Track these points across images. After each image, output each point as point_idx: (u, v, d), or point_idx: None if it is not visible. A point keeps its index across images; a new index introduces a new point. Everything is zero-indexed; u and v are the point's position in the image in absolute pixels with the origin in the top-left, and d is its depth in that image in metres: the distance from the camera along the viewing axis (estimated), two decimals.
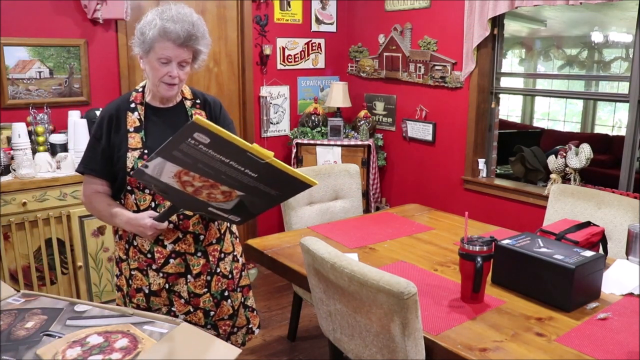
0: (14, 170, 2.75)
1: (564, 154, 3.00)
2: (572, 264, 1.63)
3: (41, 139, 2.95)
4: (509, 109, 7.26)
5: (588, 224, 2.07)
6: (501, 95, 3.65)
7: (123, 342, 1.22)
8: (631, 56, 2.83)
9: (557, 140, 5.48)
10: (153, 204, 1.72)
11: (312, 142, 3.94)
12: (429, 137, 3.82)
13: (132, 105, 1.75)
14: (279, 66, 4.10)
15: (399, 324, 1.44)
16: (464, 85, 3.54)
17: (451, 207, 3.47)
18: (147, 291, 1.79)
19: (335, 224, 2.56)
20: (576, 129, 6.87)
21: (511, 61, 6.26)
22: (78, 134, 2.92)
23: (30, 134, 2.87)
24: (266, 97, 4.04)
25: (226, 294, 1.88)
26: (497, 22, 3.35)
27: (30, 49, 3.04)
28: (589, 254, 1.72)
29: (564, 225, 2.06)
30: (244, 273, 1.98)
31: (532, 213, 3.22)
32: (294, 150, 3.98)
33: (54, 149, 2.97)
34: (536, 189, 3.34)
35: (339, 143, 3.92)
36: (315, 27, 4.23)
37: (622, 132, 3.81)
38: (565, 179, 3.02)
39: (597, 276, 1.74)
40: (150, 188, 1.67)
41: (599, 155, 4.40)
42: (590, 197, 2.47)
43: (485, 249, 1.67)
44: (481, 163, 3.57)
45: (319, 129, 4.05)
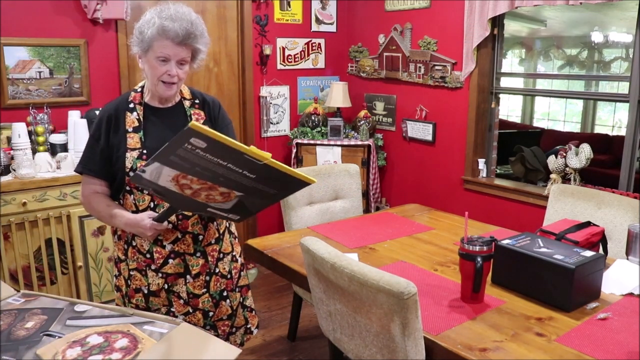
0: (14, 170, 2.75)
1: (564, 154, 3.00)
2: (572, 264, 1.63)
3: (41, 139, 2.95)
4: (509, 109, 7.25)
5: (588, 224, 2.07)
6: (501, 95, 3.65)
7: (123, 342, 1.22)
8: (631, 56, 2.83)
9: (557, 140, 5.48)
10: (152, 204, 1.72)
11: (312, 142, 3.94)
12: (429, 137, 3.83)
13: (131, 106, 1.75)
14: (279, 66, 4.10)
15: (399, 324, 1.44)
16: (464, 85, 3.54)
17: (451, 207, 3.47)
18: (146, 291, 1.79)
19: (335, 224, 2.56)
20: (576, 129, 6.87)
21: (511, 61, 6.25)
22: (78, 134, 2.92)
23: (30, 134, 2.87)
24: (266, 97, 4.04)
25: (225, 294, 1.88)
26: (497, 22, 3.35)
27: (30, 49, 3.04)
28: (589, 254, 1.72)
29: (564, 225, 2.06)
30: (242, 273, 1.98)
31: (532, 213, 3.22)
32: (294, 150, 3.98)
33: (54, 149, 2.97)
34: (536, 189, 3.34)
35: (339, 143, 3.92)
36: (315, 27, 4.23)
37: (622, 132, 3.81)
38: (565, 179, 3.02)
39: (597, 276, 1.74)
40: (148, 191, 1.67)
41: (599, 155, 4.41)
42: (590, 197, 2.47)
43: (485, 249, 1.67)
44: (481, 163, 3.57)
45: (319, 129, 4.05)
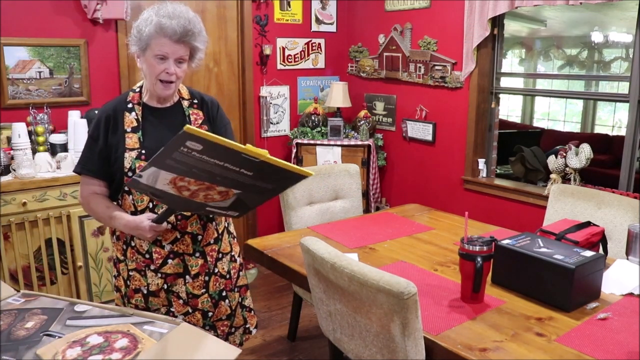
0: (14, 170, 2.75)
1: (564, 154, 3.00)
2: (572, 264, 1.63)
3: (41, 139, 2.95)
4: (509, 109, 7.25)
5: (588, 224, 2.07)
6: (501, 95, 3.65)
7: (123, 342, 1.22)
8: (631, 56, 2.83)
9: (557, 140, 5.47)
10: (151, 205, 1.72)
11: (312, 142, 3.94)
12: (429, 137, 3.82)
13: (130, 106, 1.75)
14: (279, 66, 4.10)
15: (399, 324, 1.44)
16: (464, 85, 3.54)
17: (451, 207, 3.47)
18: (145, 292, 1.79)
19: (335, 224, 2.56)
20: (576, 129, 6.87)
21: (511, 61, 6.25)
22: (78, 134, 2.92)
23: (30, 134, 2.87)
24: (266, 97, 4.04)
25: (224, 294, 1.88)
26: (497, 22, 3.35)
27: (30, 49, 3.04)
28: (589, 254, 1.72)
29: (564, 225, 2.06)
30: (241, 273, 1.98)
31: (532, 213, 3.22)
32: (294, 150, 3.98)
33: (54, 149, 2.97)
34: (536, 189, 3.34)
35: (339, 143, 3.92)
36: (315, 27, 4.23)
37: (622, 132, 3.81)
38: (565, 179, 3.02)
39: (597, 276, 1.74)
40: (146, 195, 1.67)
41: (599, 155, 4.40)
42: (590, 197, 2.47)
43: (485, 249, 1.67)
44: (481, 163, 3.56)
45: (319, 129, 4.05)
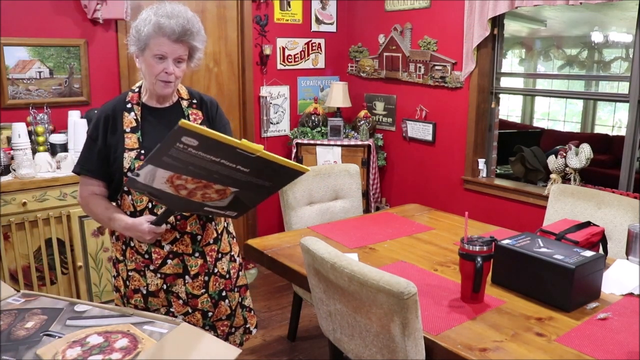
0: (14, 170, 2.75)
1: (564, 154, 3.00)
2: (572, 264, 1.63)
3: (41, 139, 2.95)
4: (509, 109, 7.25)
5: (588, 224, 2.07)
6: (501, 95, 3.65)
7: (123, 342, 1.22)
8: (631, 56, 2.83)
9: (557, 140, 5.47)
10: (150, 205, 1.72)
11: (312, 142, 3.94)
12: (429, 137, 3.82)
13: (129, 106, 1.75)
14: (279, 66, 4.10)
15: (399, 324, 1.44)
16: (464, 85, 3.54)
17: (451, 207, 3.47)
18: (144, 292, 1.78)
19: (335, 224, 2.55)
20: (576, 129, 6.87)
21: (511, 61, 6.25)
22: (78, 134, 2.92)
23: (30, 134, 2.87)
24: (266, 97, 4.04)
25: (224, 294, 1.88)
26: (497, 22, 3.35)
27: (30, 49, 3.04)
28: (589, 254, 1.72)
29: (564, 225, 2.06)
30: (241, 273, 1.98)
31: (532, 213, 3.22)
32: (294, 150, 3.98)
33: (54, 149, 2.97)
34: (536, 189, 3.34)
35: (339, 143, 3.92)
36: (315, 27, 4.23)
37: (622, 132, 3.81)
38: (565, 179, 3.02)
39: (597, 276, 1.74)
40: (144, 195, 1.67)
41: (599, 155, 4.40)
42: (590, 197, 2.47)
43: (485, 249, 1.67)
44: (481, 163, 3.56)
45: (319, 129, 4.05)
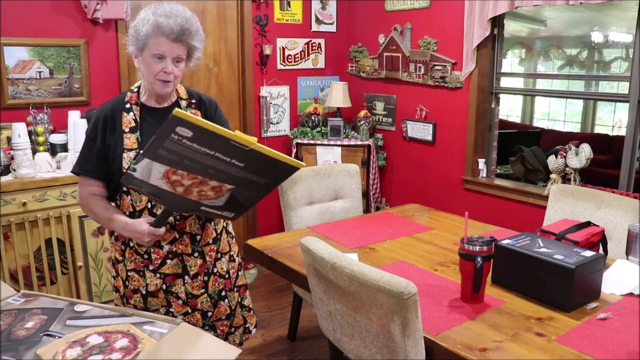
0: (14, 170, 2.75)
1: (564, 154, 3.00)
2: (572, 264, 1.63)
3: (41, 139, 2.95)
4: (509, 109, 7.25)
5: (588, 224, 2.07)
6: (501, 95, 3.65)
7: (123, 342, 1.22)
8: (631, 56, 2.83)
9: (557, 140, 5.47)
10: (149, 205, 1.71)
11: (312, 142, 3.94)
12: (429, 137, 3.82)
13: (127, 106, 1.75)
14: (279, 66, 4.10)
15: (399, 324, 1.44)
16: (464, 85, 3.54)
17: (451, 207, 3.47)
18: (144, 292, 1.78)
19: (335, 224, 2.55)
20: (576, 129, 6.87)
21: (511, 61, 6.25)
22: (78, 134, 2.92)
23: (30, 134, 2.87)
24: (266, 97, 4.04)
25: (223, 294, 1.88)
26: (497, 22, 3.35)
27: (30, 49, 3.04)
28: (589, 254, 1.72)
29: (564, 225, 2.06)
30: (240, 273, 1.98)
31: (532, 213, 3.22)
32: (294, 150, 3.98)
33: (54, 149, 2.97)
34: (536, 189, 3.34)
35: (339, 143, 3.92)
36: (315, 27, 4.23)
37: (622, 132, 3.81)
38: (565, 179, 3.02)
39: (597, 276, 1.74)
40: (141, 193, 1.67)
41: (599, 155, 4.41)
42: (590, 197, 2.47)
43: (485, 249, 1.67)
44: (481, 163, 3.56)
45: (319, 129, 4.05)
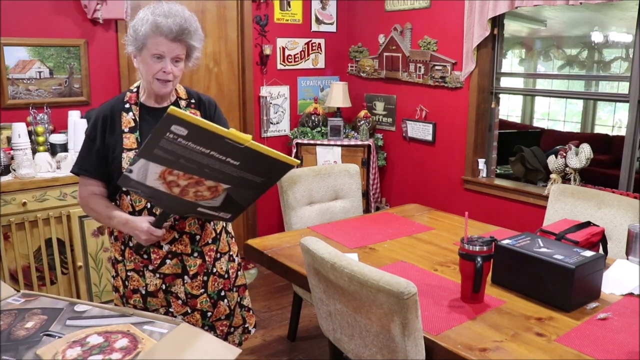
0: (14, 170, 2.75)
1: (564, 154, 3.00)
2: (572, 264, 1.63)
3: (41, 139, 2.95)
4: (509, 109, 7.25)
5: (588, 224, 2.07)
6: (501, 95, 3.65)
7: (123, 342, 1.22)
8: (631, 56, 2.83)
9: (557, 140, 5.47)
10: (149, 205, 1.72)
11: (312, 142, 3.94)
12: (429, 137, 3.82)
13: (127, 106, 1.75)
14: (279, 66, 4.10)
15: (399, 324, 1.44)
16: (464, 85, 3.54)
17: (451, 207, 3.47)
18: (143, 292, 1.78)
19: (335, 224, 2.55)
20: (576, 129, 6.87)
21: (511, 61, 6.25)
22: (78, 134, 2.92)
23: (30, 134, 2.87)
24: (266, 97, 4.04)
25: (223, 294, 1.88)
26: (497, 22, 3.35)
27: (30, 49, 3.04)
28: (589, 254, 1.72)
29: (564, 225, 2.06)
30: (239, 273, 1.98)
31: (532, 213, 3.22)
32: (294, 150, 3.98)
33: (54, 149, 2.97)
34: (536, 189, 3.34)
35: (339, 143, 3.92)
36: (315, 27, 4.23)
37: (622, 132, 3.81)
38: (565, 179, 3.02)
39: (597, 276, 1.74)
40: (138, 195, 1.67)
41: (599, 155, 4.40)
42: (590, 197, 2.47)
43: (485, 249, 1.67)
44: (481, 163, 3.56)
45: (319, 129, 4.05)
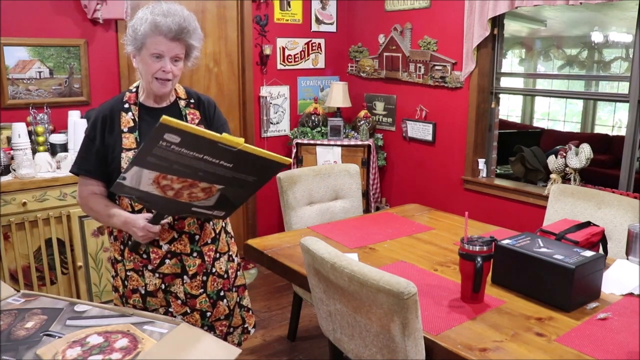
0: (14, 170, 2.75)
1: (564, 154, 3.00)
2: (572, 264, 1.63)
3: (41, 139, 2.95)
4: (509, 109, 7.25)
5: (588, 224, 2.07)
6: (501, 95, 3.65)
7: (123, 342, 1.22)
8: (631, 56, 2.83)
9: (557, 140, 5.47)
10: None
11: (312, 142, 3.94)
12: (429, 137, 3.82)
13: (126, 106, 1.75)
14: (279, 66, 4.10)
15: (399, 324, 1.44)
16: (464, 85, 3.54)
17: (451, 207, 3.47)
18: (143, 292, 1.78)
19: (335, 224, 2.55)
20: (576, 129, 6.87)
21: (511, 61, 6.25)
22: (78, 134, 2.92)
23: (30, 134, 2.87)
24: (266, 97, 4.04)
25: (222, 294, 1.88)
26: (497, 22, 3.35)
27: (30, 49, 3.04)
28: (589, 254, 1.72)
29: (564, 225, 2.06)
30: (239, 273, 1.98)
31: (532, 213, 3.22)
32: (294, 150, 3.98)
33: (54, 149, 2.97)
34: (536, 189, 3.34)
35: (339, 143, 3.92)
36: (315, 27, 4.23)
37: (622, 132, 3.81)
38: (565, 179, 3.02)
39: (597, 276, 1.74)
40: (132, 199, 1.67)
41: (599, 155, 4.40)
42: (590, 197, 2.47)
43: (485, 249, 1.67)
44: (481, 163, 3.56)
45: (319, 129, 4.05)
